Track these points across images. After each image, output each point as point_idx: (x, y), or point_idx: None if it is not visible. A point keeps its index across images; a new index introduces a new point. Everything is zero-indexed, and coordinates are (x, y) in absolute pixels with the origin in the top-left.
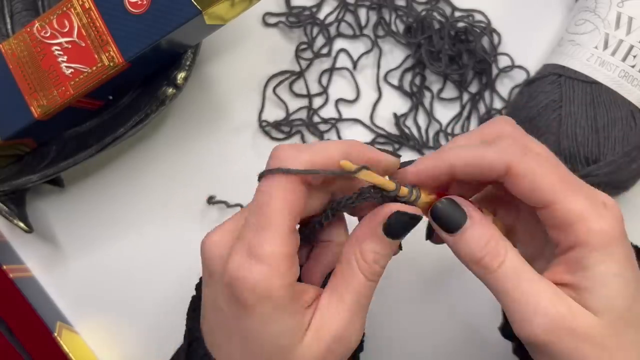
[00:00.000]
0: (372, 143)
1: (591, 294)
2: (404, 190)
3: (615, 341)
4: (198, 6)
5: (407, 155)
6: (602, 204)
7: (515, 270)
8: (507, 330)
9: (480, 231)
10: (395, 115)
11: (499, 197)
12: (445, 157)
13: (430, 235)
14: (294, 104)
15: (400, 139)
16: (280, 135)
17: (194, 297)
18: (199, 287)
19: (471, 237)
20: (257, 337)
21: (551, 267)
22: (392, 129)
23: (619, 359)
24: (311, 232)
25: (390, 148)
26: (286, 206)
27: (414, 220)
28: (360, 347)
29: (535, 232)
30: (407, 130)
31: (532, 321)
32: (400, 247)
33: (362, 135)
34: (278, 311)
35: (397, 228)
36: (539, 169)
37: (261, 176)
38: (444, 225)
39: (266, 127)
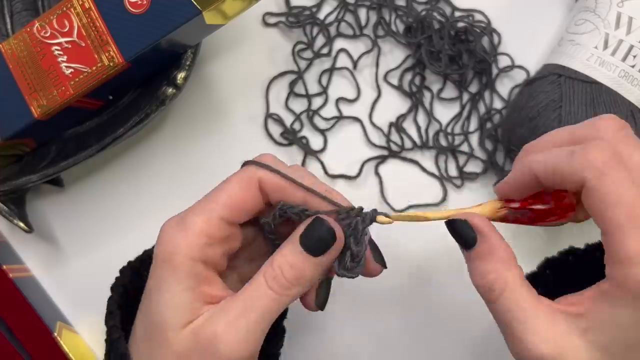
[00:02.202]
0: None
1: (601, 330)
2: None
3: None
4: (198, 6)
5: (398, 164)
6: None
7: (510, 307)
8: None
9: (482, 263)
10: (391, 123)
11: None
12: (527, 165)
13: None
14: (294, 104)
15: (394, 147)
16: (284, 142)
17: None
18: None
19: (474, 263)
20: (153, 300)
21: (589, 288)
22: (392, 130)
23: None
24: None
25: (382, 159)
26: (229, 197)
27: (329, 233)
28: (279, 344)
29: None
30: (404, 136)
31: (524, 355)
32: (384, 266)
33: (361, 136)
34: (173, 279)
35: (311, 237)
36: (612, 193)
37: (242, 165)
38: (459, 241)
39: (273, 135)
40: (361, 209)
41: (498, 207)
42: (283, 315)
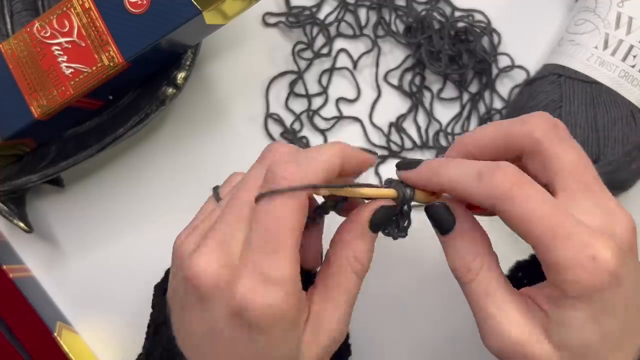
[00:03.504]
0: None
1: (558, 331)
2: (419, 194)
3: None
4: (198, 6)
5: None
6: (591, 258)
7: (486, 288)
8: None
9: (460, 243)
10: (391, 123)
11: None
12: (439, 176)
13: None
14: (294, 104)
15: (394, 147)
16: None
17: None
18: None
19: (452, 246)
20: (267, 356)
21: (543, 284)
22: (392, 130)
23: None
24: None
25: (382, 159)
26: (296, 227)
27: (394, 211)
28: (348, 352)
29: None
30: (404, 136)
31: (494, 339)
32: None
33: (361, 137)
34: (292, 329)
35: (381, 221)
36: (525, 214)
37: (261, 196)
38: (436, 226)
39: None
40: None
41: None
42: (348, 353)
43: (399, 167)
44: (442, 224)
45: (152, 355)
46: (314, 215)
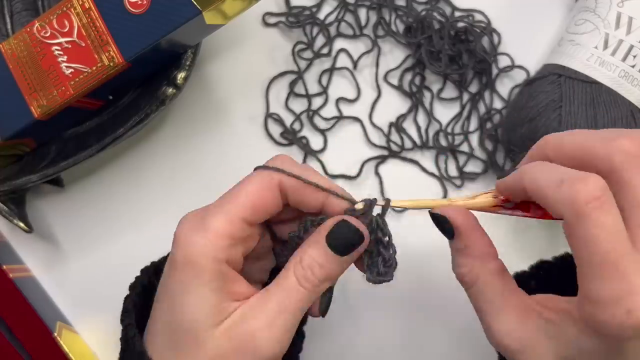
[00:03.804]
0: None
1: (563, 345)
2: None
3: None
4: (198, 6)
5: (398, 164)
6: (626, 311)
7: (479, 297)
8: None
9: (457, 255)
10: (391, 123)
11: None
12: (519, 175)
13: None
14: (294, 104)
15: (394, 147)
16: (284, 141)
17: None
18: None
19: (453, 256)
20: (177, 303)
21: (571, 302)
22: (392, 130)
23: None
24: (292, 245)
25: (382, 159)
26: (250, 198)
27: (356, 234)
28: (298, 347)
29: None
30: (404, 136)
31: (491, 342)
32: (323, 315)
33: (361, 137)
34: (199, 281)
35: (338, 239)
36: (589, 237)
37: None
38: (441, 231)
39: (273, 135)
40: (375, 200)
41: (492, 204)
42: (304, 320)
43: (499, 177)
44: (445, 231)
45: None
46: (297, 232)
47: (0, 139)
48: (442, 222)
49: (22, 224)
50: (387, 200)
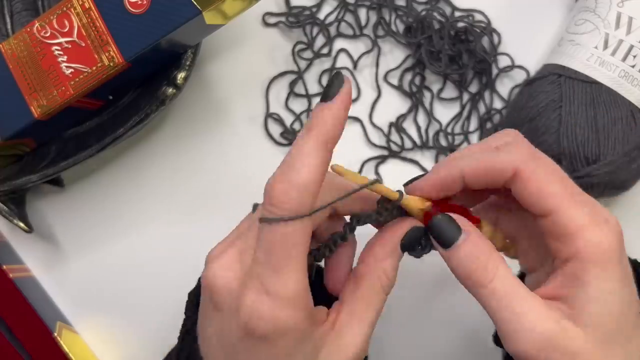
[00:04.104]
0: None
1: (583, 309)
2: (413, 200)
3: (603, 358)
4: (198, 6)
5: (398, 164)
6: (604, 219)
7: (505, 287)
8: (499, 338)
9: (472, 247)
10: (391, 123)
11: (502, 205)
12: (455, 165)
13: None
14: (294, 104)
15: (394, 147)
16: (284, 141)
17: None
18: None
19: (463, 252)
20: None
21: (549, 280)
22: (392, 130)
23: None
24: (330, 248)
25: (382, 159)
26: (299, 243)
27: (422, 235)
28: None
29: (537, 244)
30: (404, 136)
31: (522, 338)
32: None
33: (361, 136)
34: (302, 341)
35: (411, 242)
36: (545, 175)
37: (266, 220)
38: (440, 240)
39: (273, 136)
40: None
41: (424, 204)
42: None
43: (405, 184)
44: (449, 235)
45: (179, 358)
46: (342, 232)
47: (0, 139)
48: (446, 224)
49: (22, 224)
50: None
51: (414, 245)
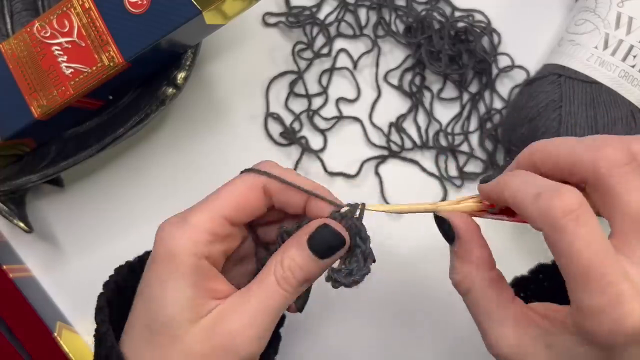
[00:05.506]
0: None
1: (560, 355)
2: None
3: None
4: (198, 6)
5: (398, 164)
6: (614, 320)
7: (475, 304)
8: None
9: (455, 261)
10: (391, 123)
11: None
12: (500, 185)
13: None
14: (294, 103)
15: (394, 147)
16: (284, 141)
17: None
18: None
19: (451, 261)
20: (154, 296)
21: (565, 310)
22: (392, 130)
23: None
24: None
25: (382, 159)
26: (233, 197)
27: (336, 238)
28: (274, 349)
29: None
30: (404, 136)
31: (490, 349)
32: (300, 310)
33: (361, 137)
34: (178, 275)
35: (320, 242)
36: (567, 250)
37: (241, 173)
38: (443, 236)
39: (273, 136)
40: (357, 204)
41: (476, 210)
42: (280, 323)
43: (481, 182)
44: (447, 236)
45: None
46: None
47: (0, 139)
48: (445, 227)
49: (22, 224)
50: (363, 205)
51: (323, 245)
